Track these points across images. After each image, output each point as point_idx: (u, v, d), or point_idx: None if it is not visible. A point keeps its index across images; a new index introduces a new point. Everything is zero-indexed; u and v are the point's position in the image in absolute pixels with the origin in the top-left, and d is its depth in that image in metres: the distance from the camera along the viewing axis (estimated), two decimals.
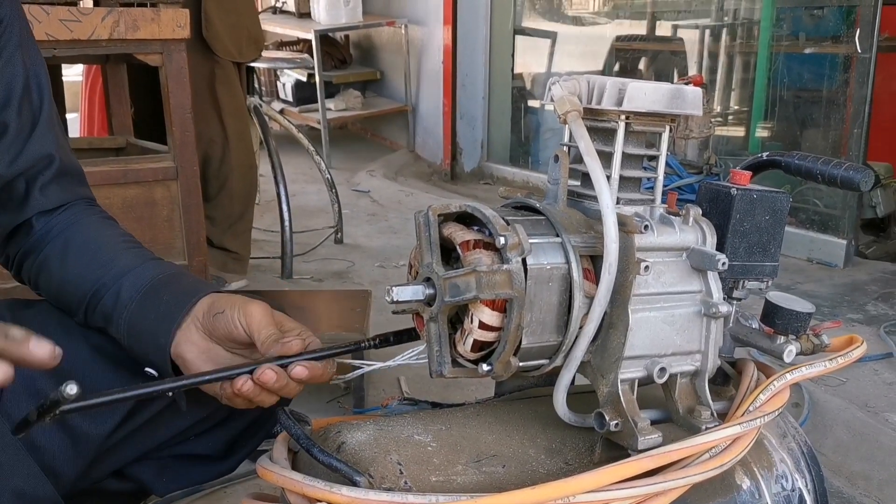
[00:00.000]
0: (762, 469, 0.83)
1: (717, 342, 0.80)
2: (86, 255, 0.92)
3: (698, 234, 0.79)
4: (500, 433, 0.79)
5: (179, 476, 0.98)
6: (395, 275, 2.87)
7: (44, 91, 0.96)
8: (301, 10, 4.83)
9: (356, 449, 0.73)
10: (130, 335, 0.87)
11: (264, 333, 0.82)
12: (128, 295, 0.88)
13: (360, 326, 1.81)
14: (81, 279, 0.90)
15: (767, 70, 3.56)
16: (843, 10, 3.32)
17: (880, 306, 2.59)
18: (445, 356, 0.73)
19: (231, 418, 0.95)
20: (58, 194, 0.95)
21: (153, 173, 1.81)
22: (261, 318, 0.83)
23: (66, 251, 0.92)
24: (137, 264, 0.91)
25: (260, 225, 3.40)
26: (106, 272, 0.90)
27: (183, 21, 1.74)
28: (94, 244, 0.93)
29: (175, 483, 0.99)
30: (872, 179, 0.92)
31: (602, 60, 4.46)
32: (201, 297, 0.86)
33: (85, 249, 0.92)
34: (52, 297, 0.94)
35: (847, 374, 2.01)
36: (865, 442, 1.74)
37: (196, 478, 1.01)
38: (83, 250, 0.92)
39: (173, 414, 0.92)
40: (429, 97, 4.62)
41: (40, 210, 0.94)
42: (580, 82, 0.77)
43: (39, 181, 0.94)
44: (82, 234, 0.94)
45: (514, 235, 0.70)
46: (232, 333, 0.84)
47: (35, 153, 0.94)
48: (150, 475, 0.96)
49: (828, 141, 3.31)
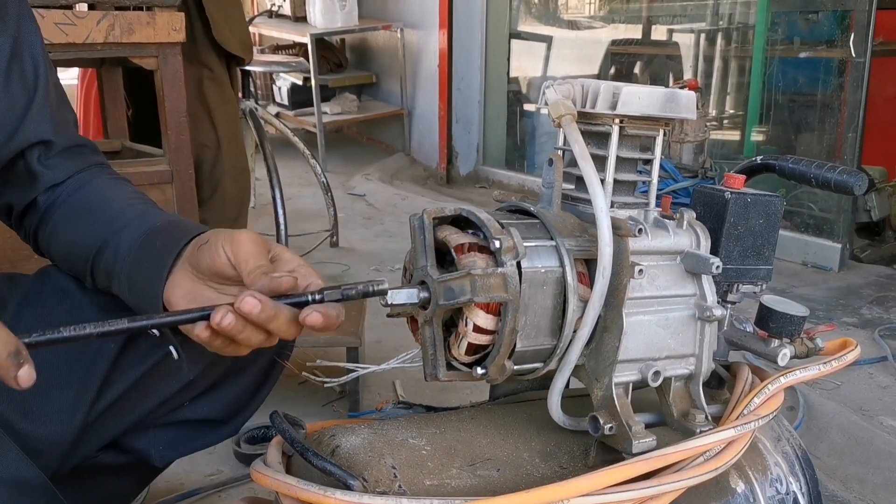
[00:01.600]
0: (757, 472, 0.83)
1: (712, 345, 0.80)
2: (91, 215, 0.87)
3: (692, 238, 0.79)
4: (494, 437, 0.78)
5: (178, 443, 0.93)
6: (390, 278, 2.84)
7: (39, 65, 0.90)
8: (297, 13, 4.83)
9: (350, 453, 0.73)
10: (130, 289, 0.82)
11: (251, 263, 0.72)
12: (126, 248, 0.82)
13: (354, 329, 1.81)
14: (86, 238, 0.85)
15: (762, 74, 3.58)
16: (838, 14, 3.33)
17: (875, 310, 2.59)
18: (440, 359, 0.73)
19: (228, 378, 0.90)
20: (65, 165, 0.91)
21: (148, 177, 1.81)
22: (249, 247, 0.73)
23: (72, 215, 0.88)
24: (137, 216, 0.85)
25: (255, 229, 3.39)
26: (108, 228, 0.85)
27: (178, 25, 1.74)
28: (99, 204, 0.88)
29: (174, 451, 0.93)
30: (866, 183, 0.93)
31: (598, 64, 4.47)
32: (193, 237, 0.79)
33: (91, 209, 0.88)
34: (63, 262, 0.90)
35: (842, 377, 2.01)
36: (860, 445, 1.74)
37: (197, 444, 0.95)
38: (90, 210, 0.88)
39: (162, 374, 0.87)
40: (424, 101, 4.62)
41: (50, 185, 0.90)
42: (574, 86, 0.77)
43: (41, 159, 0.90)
44: (89, 196, 0.90)
45: (509, 239, 0.70)
46: (216, 264, 0.74)
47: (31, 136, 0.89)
48: (146, 444, 0.91)
49: (822, 145, 3.32)
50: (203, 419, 0.92)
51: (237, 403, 0.93)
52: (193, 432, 0.93)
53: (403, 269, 0.79)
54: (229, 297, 0.74)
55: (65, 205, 0.89)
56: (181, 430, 0.93)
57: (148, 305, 0.79)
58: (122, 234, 0.83)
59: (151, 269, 0.79)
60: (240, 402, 0.93)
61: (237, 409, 0.93)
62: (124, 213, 0.86)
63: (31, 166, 0.90)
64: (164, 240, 0.81)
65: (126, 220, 0.85)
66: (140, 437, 0.91)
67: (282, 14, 5.00)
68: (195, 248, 0.77)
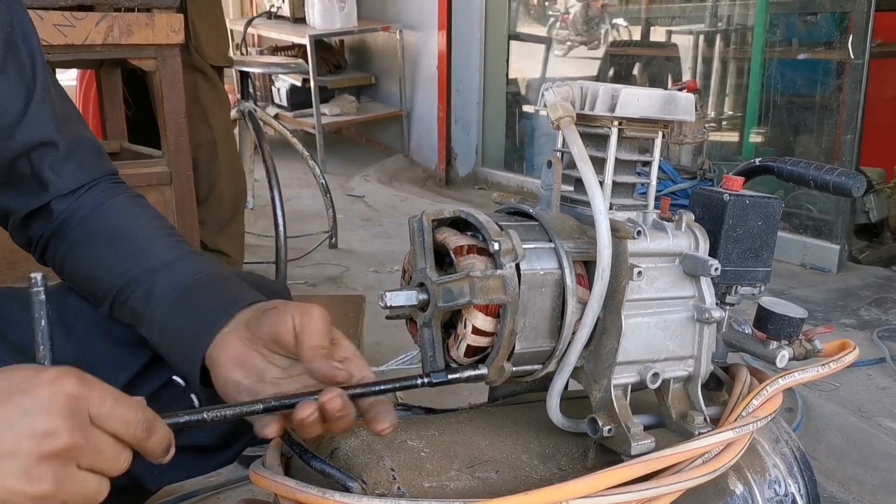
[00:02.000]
0: (755, 474, 0.83)
1: (710, 347, 0.80)
2: (116, 243, 0.84)
3: (691, 240, 0.79)
4: (493, 439, 0.79)
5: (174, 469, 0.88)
6: (389, 280, 2.87)
7: (36, 58, 0.85)
8: (296, 14, 4.83)
9: (349, 455, 0.73)
10: (163, 338, 0.80)
11: (315, 341, 0.71)
12: (161, 293, 0.80)
13: (353, 332, 1.81)
14: (110, 269, 0.83)
15: (761, 76, 3.58)
16: (836, 16, 3.33)
17: (873, 311, 2.60)
18: (439, 361, 0.73)
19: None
20: (75, 173, 0.87)
21: (147, 178, 1.81)
22: (318, 324, 0.72)
23: (94, 238, 0.85)
24: (172, 259, 0.83)
25: (254, 230, 3.39)
26: (137, 263, 0.82)
27: (177, 26, 1.74)
28: (123, 230, 0.85)
29: (169, 476, 0.91)
30: (864, 185, 0.93)
31: (597, 66, 4.47)
32: (245, 306, 0.77)
33: (115, 236, 0.85)
34: (78, 285, 0.87)
35: (840, 378, 2.02)
36: (858, 447, 1.74)
37: (192, 470, 0.93)
38: (113, 237, 0.85)
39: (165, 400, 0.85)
40: (423, 102, 4.63)
41: (59, 194, 0.86)
42: (573, 88, 0.77)
43: (48, 162, 0.85)
44: (111, 219, 0.86)
45: (508, 241, 0.70)
46: (279, 334, 0.73)
47: (32, 135, 0.85)
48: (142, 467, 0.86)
49: (821, 146, 3.32)
50: (199, 445, 0.90)
51: (234, 432, 0.92)
52: (190, 459, 0.90)
53: (402, 270, 0.79)
54: (277, 367, 0.75)
55: (83, 224, 0.86)
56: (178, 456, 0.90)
57: (183, 358, 0.78)
58: (156, 276, 0.81)
59: (193, 329, 0.77)
60: (237, 431, 0.92)
61: (234, 438, 0.91)
62: (153, 248, 0.84)
63: (40, 172, 0.86)
64: (209, 300, 0.79)
65: (159, 260, 0.83)
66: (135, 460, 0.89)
67: (281, 15, 5.00)
68: (258, 313, 0.76)
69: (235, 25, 5.20)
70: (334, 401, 0.67)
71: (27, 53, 0.86)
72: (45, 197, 0.87)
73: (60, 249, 0.88)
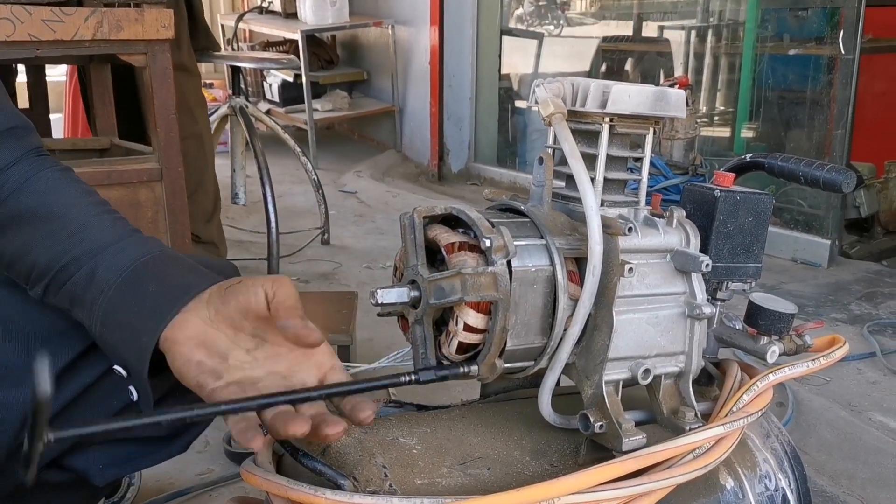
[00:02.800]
0: (746, 469, 0.84)
1: (701, 343, 0.80)
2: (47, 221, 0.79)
3: (682, 236, 0.80)
4: (485, 435, 0.79)
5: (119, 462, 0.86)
6: (381, 276, 2.87)
7: None
8: (287, 10, 4.82)
9: (341, 452, 0.72)
10: (105, 326, 0.75)
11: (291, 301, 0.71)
12: (104, 276, 0.76)
13: (346, 328, 1.81)
14: (44, 250, 0.78)
15: (752, 71, 3.59)
16: (827, 11, 3.34)
17: (864, 306, 2.61)
18: (431, 358, 0.73)
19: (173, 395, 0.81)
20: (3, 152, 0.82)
21: (137, 175, 1.80)
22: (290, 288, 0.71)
23: (22, 217, 0.80)
24: (115, 239, 0.78)
25: (246, 226, 3.39)
26: (75, 245, 0.77)
27: (167, 21, 1.73)
28: (55, 207, 0.80)
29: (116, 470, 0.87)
30: (854, 181, 0.93)
31: (589, 61, 4.47)
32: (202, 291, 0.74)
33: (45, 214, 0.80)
34: (6, 266, 0.81)
35: (831, 373, 2.03)
36: (849, 441, 1.75)
37: (143, 462, 0.88)
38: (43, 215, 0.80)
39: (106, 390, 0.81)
40: (416, 98, 4.62)
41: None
42: (564, 84, 0.77)
43: None
44: (40, 195, 0.81)
45: (499, 238, 0.70)
46: (250, 301, 0.71)
47: None
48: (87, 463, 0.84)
49: (812, 142, 3.33)
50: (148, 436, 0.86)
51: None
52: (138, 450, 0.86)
53: (394, 267, 0.78)
54: (241, 349, 0.72)
55: (9, 202, 0.80)
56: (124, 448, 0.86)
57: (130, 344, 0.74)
58: (98, 259, 0.77)
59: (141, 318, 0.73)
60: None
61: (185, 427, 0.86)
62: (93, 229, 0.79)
63: None
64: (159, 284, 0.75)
65: (99, 240, 0.78)
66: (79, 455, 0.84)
67: (272, 10, 4.98)
68: (221, 290, 0.73)
69: (226, 20, 5.18)
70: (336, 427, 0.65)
71: None
72: None
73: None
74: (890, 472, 1.66)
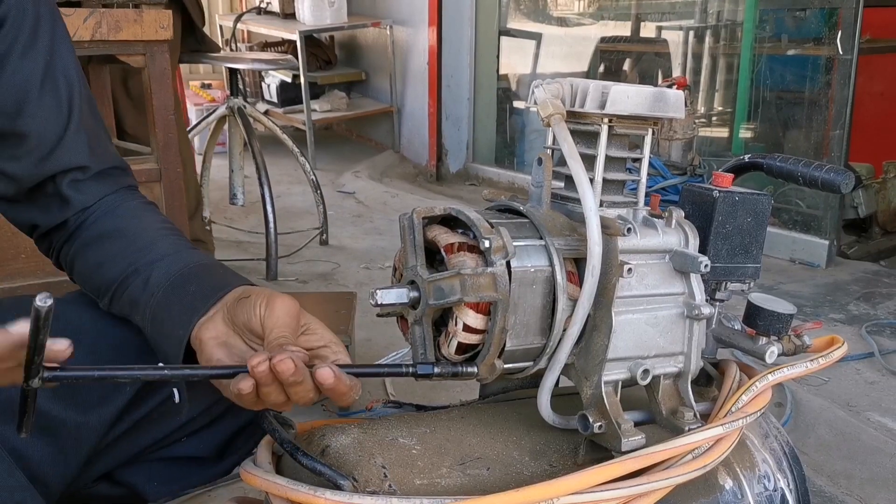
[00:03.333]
0: (745, 469, 0.84)
1: (700, 344, 0.80)
2: (121, 239, 0.89)
3: (681, 237, 0.80)
4: (484, 435, 0.79)
5: (172, 479, 0.94)
6: (380, 276, 2.86)
7: (74, 87, 0.90)
8: (285, 10, 4.81)
9: (340, 452, 0.73)
10: (153, 324, 0.83)
11: (276, 332, 0.75)
12: (157, 282, 0.84)
13: (345, 328, 1.81)
14: (114, 263, 0.87)
15: (750, 71, 3.59)
16: (825, 12, 3.35)
17: (862, 306, 2.61)
18: (430, 359, 0.73)
19: (225, 417, 0.92)
20: (97, 189, 0.92)
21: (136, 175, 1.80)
22: (280, 316, 0.76)
23: (101, 236, 0.89)
24: (171, 252, 0.87)
25: (244, 227, 3.39)
26: (140, 257, 0.86)
27: (166, 22, 1.73)
28: (130, 229, 0.90)
29: (167, 487, 0.94)
30: (853, 182, 0.93)
31: (587, 62, 4.48)
32: (230, 291, 0.81)
33: (121, 234, 0.89)
34: (84, 280, 0.91)
35: (829, 373, 2.03)
36: (847, 441, 1.75)
37: (190, 481, 0.96)
38: (119, 235, 0.89)
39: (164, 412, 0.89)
40: (414, 98, 4.62)
41: (81, 208, 0.91)
42: (563, 85, 0.77)
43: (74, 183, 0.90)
44: (119, 220, 0.91)
45: (499, 238, 0.70)
46: (250, 322, 0.77)
47: (64, 162, 0.89)
48: (141, 479, 0.92)
49: (810, 142, 3.33)
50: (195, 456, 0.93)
51: (232, 442, 0.94)
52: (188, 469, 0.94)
53: (393, 268, 0.79)
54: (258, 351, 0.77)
55: (94, 225, 0.90)
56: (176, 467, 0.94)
57: (169, 344, 0.81)
58: (154, 266, 0.85)
59: (180, 313, 0.81)
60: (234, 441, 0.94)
61: (231, 449, 0.94)
62: (156, 244, 0.88)
63: (62, 190, 0.90)
64: (197, 286, 0.82)
65: (159, 252, 0.87)
66: (135, 471, 0.92)
67: (270, 11, 4.97)
68: (235, 300, 0.80)
69: (225, 21, 5.17)
70: (285, 363, 0.68)
71: (65, 83, 0.90)
72: (68, 211, 0.91)
73: (72, 250, 0.91)
74: (888, 471, 1.66)
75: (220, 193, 3.37)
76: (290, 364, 0.69)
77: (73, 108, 0.90)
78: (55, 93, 0.89)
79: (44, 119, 0.88)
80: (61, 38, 0.91)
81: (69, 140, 0.89)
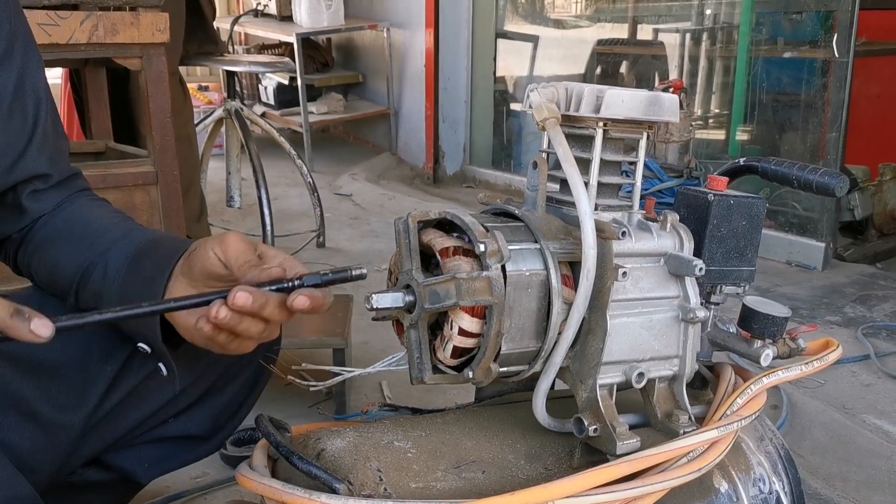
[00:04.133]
0: (740, 472, 0.84)
1: (695, 347, 0.80)
2: (71, 236, 0.90)
3: (676, 240, 0.80)
4: (479, 439, 0.79)
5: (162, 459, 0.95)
6: (377, 279, 2.86)
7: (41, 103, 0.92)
8: (282, 13, 4.81)
9: (336, 456, 0.73)
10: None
11: (241, 259, 0.76)
12: (114, 269, 0.85)
13: (341, 332, 1.81)
14: (69, 260, 0.88)
15: (747, 74, 3.59)
16: (821, 14, 3.35)
17: (858, 308, 2.61)
18: (426, 363, 0.74)
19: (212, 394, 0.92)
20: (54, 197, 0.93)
21: (133, 178, 1.80)
22: (237, 245, 0.78)
23: (52, 236, 0.90)
24: (121, 236, 0.88)
25: (241, 229, 3.38)
26: (94, 250, 0.87)
27: (162, 25, 1.73)
28: (79, 225, 0.91)
29: (158, 467, 0.95)
30: (847, 185, 0.94)
31: (584, 64, 4.48)
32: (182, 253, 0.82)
33: (70, 231, 0.90)
34: (45, 283, 0.92)
35: (825, 376, 2.03)
36: (843, 444, 1.76)
37: (182, 459, 0.97)
38: (69, 232, 0.90)
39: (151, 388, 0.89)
40: (411, 101, 4.62)
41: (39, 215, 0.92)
42: (558, 89, 0.77)
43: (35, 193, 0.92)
44: (71, 217, 0.92)
45: (494, 242, 0.70)
46: (207, 267, 0.78)
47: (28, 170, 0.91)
48: (132, 462, 0.93)
49: (806, 144, 3.34)
50: (186, 435, 0.94)
51: (221, 418, 0.95)
52: (178, 448, 0.94)
53: (389, 272, 0.79)
54: None
55: (45, 228, 0.91)
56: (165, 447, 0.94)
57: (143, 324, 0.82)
58: (108, 254, 0.86)
59: (144, 289, 0.81)
60: (223, 417, 0.95)
61: (221, 425, 0.95)
62: (106, 233, 0.89)
63: (21, 200, 0.91)
64: (154, 258, 0.84)
65: (110, 239, 0.88)
66: (125, 454, 0.93)
67: (267, 13, 4.97)
68: (187, 257, 0.81)
69: (222, 23, 5.17)
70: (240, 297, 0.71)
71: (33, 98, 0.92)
72: (25, 221, 0.92)
73: (27, 253, 0.92)
74: (884, 474, 1.67)
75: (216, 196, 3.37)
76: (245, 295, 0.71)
77: (38, 122, 0.91)
78: (23, 108, 0.91)
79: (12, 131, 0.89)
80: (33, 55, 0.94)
81: (32, 152, 0.91)
